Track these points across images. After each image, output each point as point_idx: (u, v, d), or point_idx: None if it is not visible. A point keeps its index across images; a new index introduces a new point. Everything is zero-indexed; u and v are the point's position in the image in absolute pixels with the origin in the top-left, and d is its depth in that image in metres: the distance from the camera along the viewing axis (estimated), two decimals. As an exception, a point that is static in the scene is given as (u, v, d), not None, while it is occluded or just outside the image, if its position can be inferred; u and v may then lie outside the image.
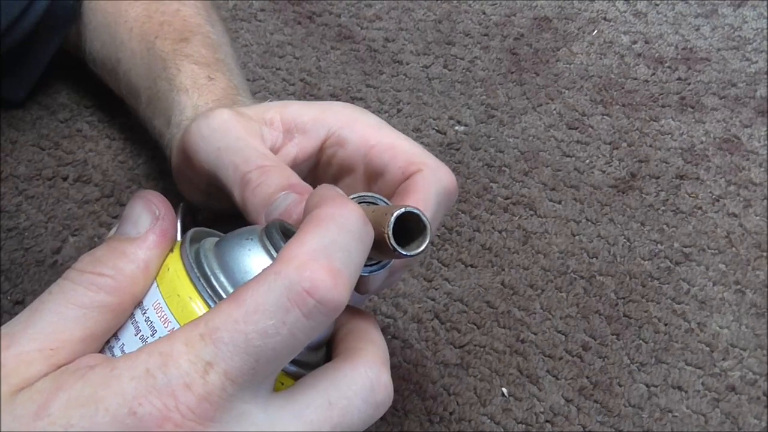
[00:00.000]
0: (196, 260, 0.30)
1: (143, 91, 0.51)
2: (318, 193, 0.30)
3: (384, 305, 0.52)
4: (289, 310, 0.26)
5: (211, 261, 0.30)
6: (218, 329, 0.26)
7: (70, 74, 0.63)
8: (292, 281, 0.26)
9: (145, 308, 0.30)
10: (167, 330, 0.29)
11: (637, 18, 0.73)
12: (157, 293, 0.30)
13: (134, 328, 0.29)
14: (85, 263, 0.29)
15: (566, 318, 0.52)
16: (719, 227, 0.58)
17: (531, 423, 0.47)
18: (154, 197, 0.31)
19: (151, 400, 0.25)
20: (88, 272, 0.29)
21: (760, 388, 0.49)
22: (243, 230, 0.32)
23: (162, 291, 0.30)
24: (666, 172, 0.61)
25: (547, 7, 0.73)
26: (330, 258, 0.26)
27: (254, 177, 0.35)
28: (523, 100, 0.66)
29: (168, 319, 0.29)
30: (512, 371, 0.49)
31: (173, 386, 0.25)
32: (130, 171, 0.58)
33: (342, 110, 0.40)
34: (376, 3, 0.73)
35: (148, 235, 0.30)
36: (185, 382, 0.25)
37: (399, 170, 0.37)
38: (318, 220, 0.27)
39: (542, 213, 0.58)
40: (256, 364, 0.26)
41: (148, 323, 0.29)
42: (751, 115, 0.65)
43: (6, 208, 0.55)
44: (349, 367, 0.29)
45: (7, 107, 0.60)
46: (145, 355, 0.26)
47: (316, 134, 0.39)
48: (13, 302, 0.50)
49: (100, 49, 0.56)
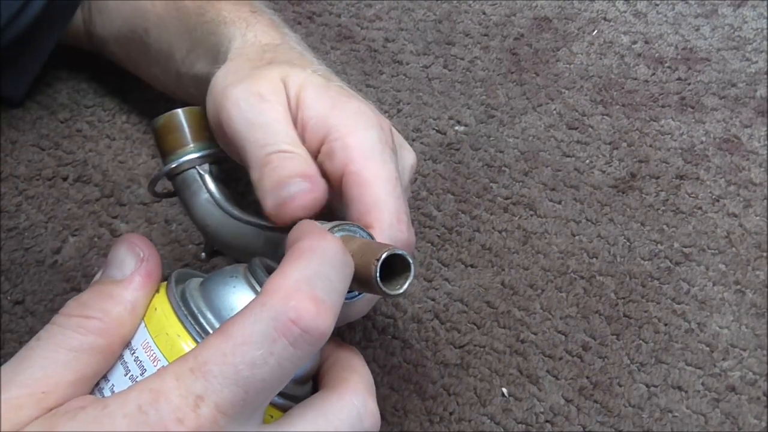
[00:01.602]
0: (183, 299, 0.31)
1: (179, 46, 0.50)
2: (299, 228, 0.31)
3: (384, 305, 0.52)
4: (276, 340, 0.26)
5: (197, 299, 0.31)
6: (207, 362, 0.26)
7: (70, 74, 0.63)
8: (277, 312, 0.26)
9: (134, 348, 0.30)
10: (156, 368, 0.29)
11: (637, 18, 0.73)
12: (146, 333, 0.30)
13: (124, 369, 0.30)
14: (72, 308, 0.30)
15: (566, 318, 0.52)
16: (719, 227, 0.58)
17: (531, 423, 0.47)
18: (137, 240, 0.32)
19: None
20: (75, 316, 0.30)
21: (760, 388, 0.49)
22: (227, 269, 0.32)
23: (150, 330, 0.30)
24: (666, 172, 0.61)
25: (547, 7, 0.73)
26: (313, 288, 0.27)
27: (275, 158, 0.36)
28: (523, 100, 0.66)
29: (157, 357, 0.30)
30: (512, 371, 0.49)
31: (166, 421, 0.26)
32: (130, 171, 0.58)
33: (348, 116, 0.38)
34: (376, 3, 0.73)
35: (134, 277, 0.31)
36: (177, 417, 0.26)
37: (357, 213, 0.36)
38: (299, 252, 0.28)
39: (542, 213, 0.58)
40: (246, 396, 0.26)
41: (138, 363, 0.30)
42: (751, 115, 0.65)
43: (6, 208, 0.55)
44: (335, 397, 0.30)
45: (7, 107, 0.60)
46: (136, 393, 0.26)
47: (316, 136, 0.38)
48: (13, 302, 0.50)
49: (121, 28, 0.55)
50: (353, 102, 0.39)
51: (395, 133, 0.41)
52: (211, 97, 0.40)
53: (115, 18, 0.56)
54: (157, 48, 0.53)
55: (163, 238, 0.54)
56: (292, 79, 0.39)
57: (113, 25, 0.56)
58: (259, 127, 0.37)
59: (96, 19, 0.57)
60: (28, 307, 0.50)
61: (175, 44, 0.50)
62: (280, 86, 0.39)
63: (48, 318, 0.49)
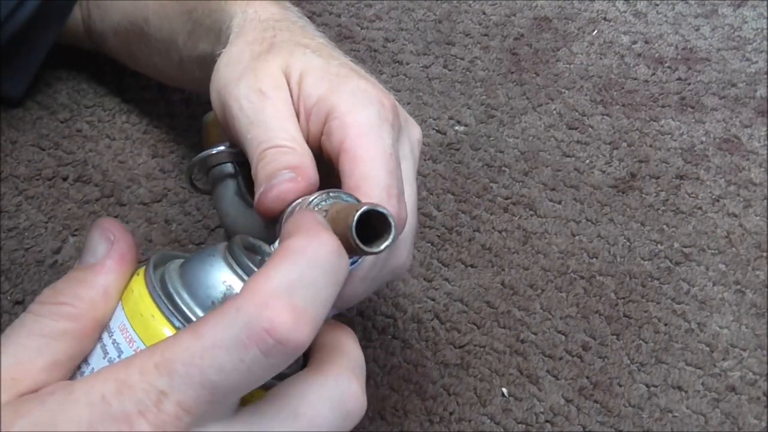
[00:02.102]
0: (161, 281, 0.31)
1: (181, 31, 0.50)
2: (294, 220, 0.29)
3: (384, 305, 0.52)
4: (247, 348, 0.25)
5: (174, 280, 0.31)
6: (174, 361, 0.26)
7: (70, 74, 0.63)
8: (251, 319, 0.25)
9: (112, 331, 0.30)
10: (132, 350, 0.29)
11: (637, 18, 0.73)
12: (123, 315, 0.30)
13: (102, 351, 0.30)
14: (46, 295, 0.30)
15: (566, 318, 0.52)
16: (719, 227, 0.58)
17: (531, 423, 0.47)
18: (109, 224, 0.32)
19: (107, 426, 0.25)
20: (48, 303, 0.30)
21: (760, 388, 0.49)
22: (206, 249, 0.32)
23: (126, 312, 0.30)
24: (666, 172, 0.61)
25: (547, 7, 0.73)
26: (293, 296, 0.26)
27: (269, 153, 0.36)
28: (523, 100, 0.66)
29: (133, 338, 0.29)
30: (512, 371, 0.49)
31: (128, 413, 0.25)
32: (130, 171, 0.58)
33: (348, 96, 0.38)
34: (376, 3, 0.73)
35: (105, 261, 0.31)
36: (139, 410, 0.25)
37: (348, 188, 0.36)
38: (288, 253, 0.27)
39: (542, 213, 0.58)
40: (213, 397, 0.26)
41: (115, 345, 0.30)
42: (751, 115, 0.65)
43: (6, 208, 0.55)
44: (317, 378, 0.29)
45: (7, 107, 0.60)
46: (101, 381, 0.26)
47: (319, 119, 0.38)
48: (13, 302, 0.50)
49: (121, 20, 0.55)
50: (353, 80, 0.39)
51: (400, 108, 0.41)
52: (214, 91, 0.41)
53: (113, 11, 0.56)
54: (158, 37, 0.53)
55: (163, 238, 0.54)
56: (293, 68, 0.40)
57: (112, 19, 0.56)
58: (259, 124, 0.37)
59: (95, 14, 0.57)
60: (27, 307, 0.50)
61: (177, 29, 0.51)
62: (282, 80, 0.39)
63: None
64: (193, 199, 0.56)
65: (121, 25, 0.56)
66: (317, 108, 0.38)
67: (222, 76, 0.41)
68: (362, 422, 0.47)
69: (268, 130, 0.37)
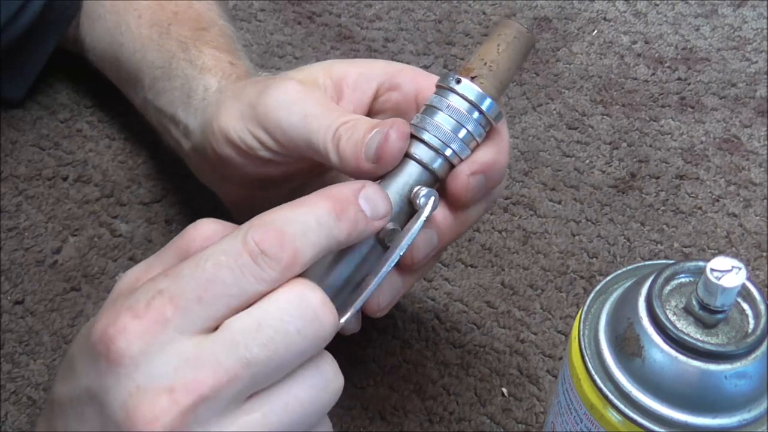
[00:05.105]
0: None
1: (149, 72, 0.51)
2: (336, 186, 0.34)
3: (384, 305, 0.52)
4: (241, 253, 0.30)
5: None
6: (183, 266, 0.31)
7: (70, 74, 0.63)
8: (250, 233, 0.31)
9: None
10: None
11: (637, 18, 0.73)
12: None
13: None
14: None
15: (566, 318, 0.52)
16: (719, 227, 0.58)
17: (531, 423, 0.47)
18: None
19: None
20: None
21: (760, 388, 0.49)
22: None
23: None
24: (666, 172, 0.61)
25: (547, 7, 0.73)
26: (285, 226, 0.31)
27: (343, 131, 0.38)
28: (523, 100, 0.66)
29: None
30: (512, 371, 0.50)
31: (118, 309, 0.30)
32: (130, 171, 0.58)
33: (387, 64, 0.43)
34: (376, 3, 0.73)
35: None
36: (130, 305, 0.30)
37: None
38: (299, 202, 0.33)
39: (542, 213, 0.58)
40: (204, 293, 0.30)
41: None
42: (751, 115, 0.65)
43: (6, 208, 0.55)
44: (279, 291, 0.31)
45: (7, 107, 0.60)
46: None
47: (367, 87, 0.41)
48: (13, 302, 0.50)
49: (102, 37, 0.55)
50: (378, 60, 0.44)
51: None
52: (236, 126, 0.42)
53: (98, 27, 0.56)
54: (127, 67, 0.53)
55: (163, 238, 0.54)
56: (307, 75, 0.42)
57: (94, 33, 0.56)
58: (314, 116, 0.39)
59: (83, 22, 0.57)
60: (28, 307, 0.50)
61: (147, 69, 0.51)
62: (300, 82, 0.41)
63: (48, 318, 0.50)
64: (193, 200, 0.56)
65: (101, 43, 0.56)
66: (360, 81, 0.41)
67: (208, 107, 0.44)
68: (362, 422, 0.47)
69: (323, 115, 0.39)
